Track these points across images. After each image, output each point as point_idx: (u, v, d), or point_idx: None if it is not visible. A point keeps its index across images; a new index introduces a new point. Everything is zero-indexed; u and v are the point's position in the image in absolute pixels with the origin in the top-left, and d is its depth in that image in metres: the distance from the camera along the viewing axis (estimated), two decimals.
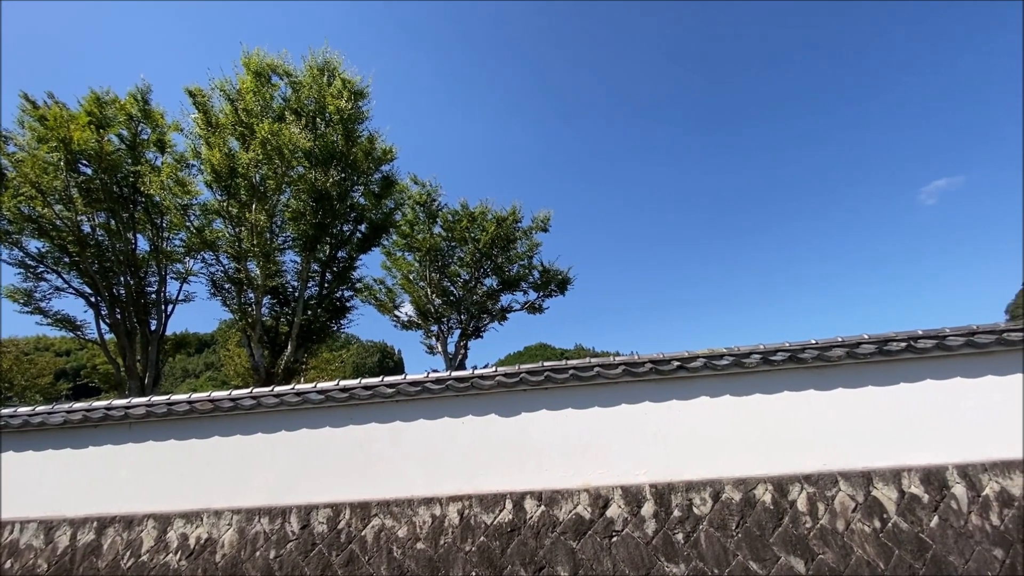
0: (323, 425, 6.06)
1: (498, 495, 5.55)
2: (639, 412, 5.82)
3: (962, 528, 4.88)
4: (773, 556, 4.93)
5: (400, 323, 22.29)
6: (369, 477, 5.82)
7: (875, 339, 5.50)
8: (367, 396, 5.96)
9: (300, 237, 15.60)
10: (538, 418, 5.90)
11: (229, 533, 5.70)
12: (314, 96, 15.60)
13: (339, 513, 5.68)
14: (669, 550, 5.06)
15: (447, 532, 5.40)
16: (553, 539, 5.25)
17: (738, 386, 5.73)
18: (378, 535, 5.48)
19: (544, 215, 21.67)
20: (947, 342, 5.37)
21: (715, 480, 5.40)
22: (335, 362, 25.54)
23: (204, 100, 14.82)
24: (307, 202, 15.15)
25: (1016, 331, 5.36)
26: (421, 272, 21.20)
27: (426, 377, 5.97)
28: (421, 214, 20.92)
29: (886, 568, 4.76)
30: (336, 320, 17.88)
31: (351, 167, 15.94)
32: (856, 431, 5.41)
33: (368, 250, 17.77)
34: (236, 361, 23.69)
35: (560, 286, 22.28)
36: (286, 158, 14.16)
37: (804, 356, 5.53)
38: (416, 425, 5.94)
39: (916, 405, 5.41)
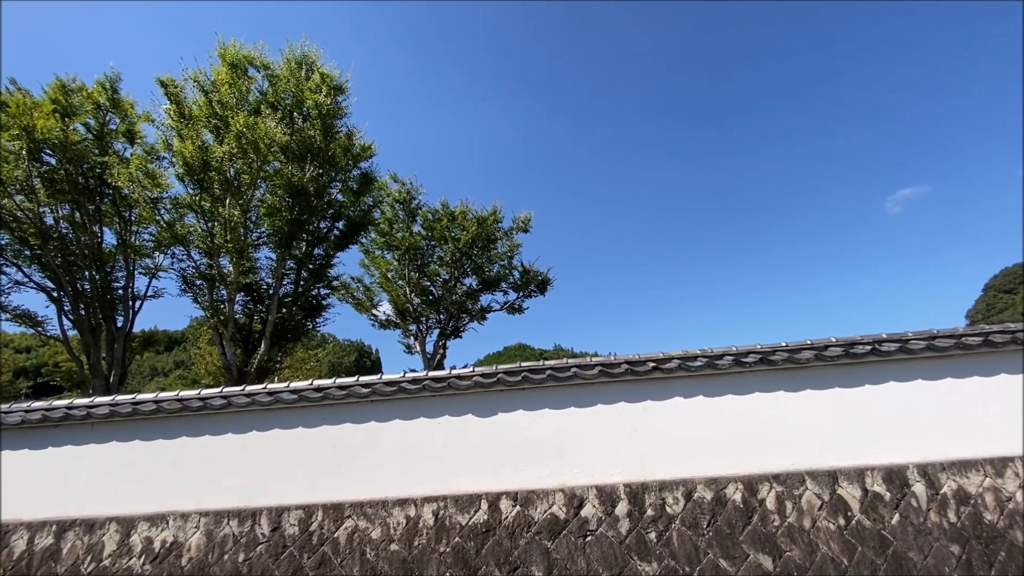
0: (296, 425, 5.96)
1: (473, 495, 5.54)
2: (615, 412, 5.87)
3: (921, 525, 5.07)
4: (742, 554, 5.03)
5: (378, 322, 22.07)
6: (342, 478, 5.75)
7: (842, 342, 5.67)
8: (341, 396, 5.88)
9: (275, 233, 15.30)
10: (515, 418, 5.91)
11: (196, 536, 5.56)
12: (291, 90, 15.33)
13: (311, 515, 5.59)
14: (642, 549, 5.13)
15: (422, 533, 5.36)
16: (528, 539, 5.26)
17: (711, 387, 5.83)
18: (351, 537, 5.41)
19: (525, 216, 21.75)
20: (909, 346, 5.57)
21: (688, 479, 5.48)
22: (310, 361, 25.11)
23: (176, 91, 14.40)
24: (283, 198, 14.86)
25: (974, 336, 5.59)
26: (400, 271, 21.01)
27: (402, 377, 5.92)
28: (400, 212, 20.73)
29: (849, 564, 4.90)
30: (312, 318, 17.58)
31: (329, 163, 15.70)
32: (823, 431, 5.56)
33: (346, 248, 17.53)
34: (207, 359, 23.09)
35: (540, 287, 22.36)
36: (262, 152, 13.86)
37: (775, 358, 5.67)
38: (391, 425, 5.89)
39: (879, 406, 5.60)
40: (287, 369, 22.18)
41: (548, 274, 22.34)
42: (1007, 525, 5.01)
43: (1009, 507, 5.09)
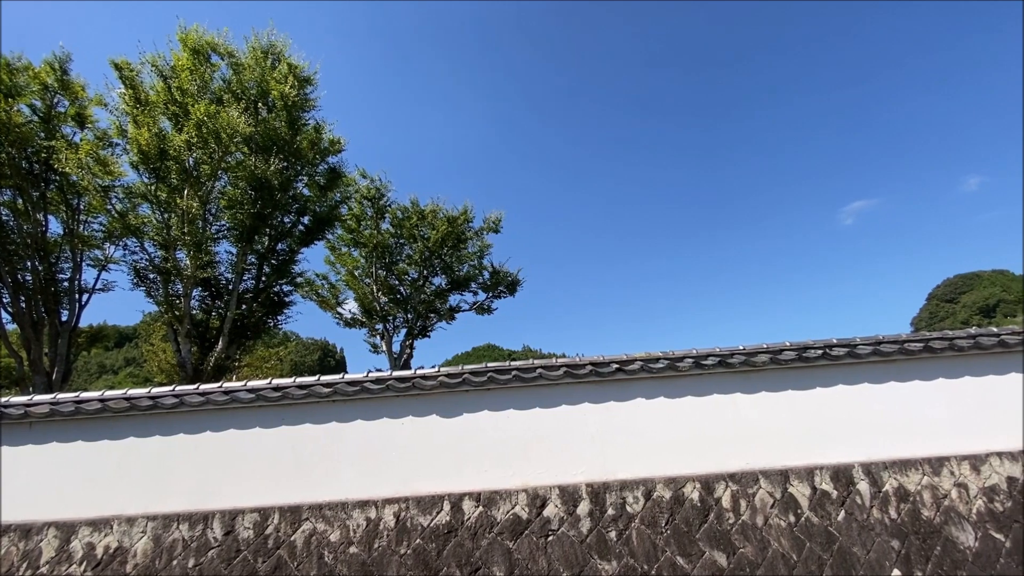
0: (253, 426, 5.78)
1: (436, 497, 5.50)
2: (578, 413, 5.94)
3: (865, 521, 5.32)
4: (699, 551, 5.17)
5: (343, 321, 21.63)
6: (301, 480, 5.60)
7: (795, 346, 5.91)
8: (301, 396, 5.73)
9: (236, 227, 14.77)
10: (480, 419, 5.90)
11: (143, 541, 5.31)
12: (256, 79, 14.86)
13: (267, 518, 5.43)
14: (602, 548, 5.20)
15: (382, 535, 5.29)
16: (490, 540, 5.26)
17: (672, 388, 5.97)
18: (308, 540, 5.28)
19: (496, 216, 21.73)
20: (857, 351, 5.85)
21: (648, 479, 5.60)
22: (271, 359, 24.31)
23: (132, 75, 13.76)
24: (245, 190, 14.36)
25: (915, 342, 5.92)
26: (367, 269, 20.66)
27: (365, 377, 5.82)
28: (369, 209, 20.39)
29: (798, 559, 5.10)
30: (273, 315, 17.05)
31: (295, 156, 15.29)
32: (776, 431, 5.78)
33: (311, 243, 17.10)
34: (160, 357, 22.06)
35: (510, 287, 22.39)
36: (224, 143, 13.38)
37: (732, 361, 5.85)
38: (353, 426, 5.78)
39: (829, 407, 5.86)
40: (246, 367, 21.43)
41: (518, 275, 22.42)
42: (943, 521, 5.31)
43: (945, 504, 5.40)
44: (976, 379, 5.96)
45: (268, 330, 18.00)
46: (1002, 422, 5.81)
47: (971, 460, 5.60)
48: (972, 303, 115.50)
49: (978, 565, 5.03)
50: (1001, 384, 5.95)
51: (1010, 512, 5.34)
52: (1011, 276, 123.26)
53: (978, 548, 5.13)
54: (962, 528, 5.25)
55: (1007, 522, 5.28)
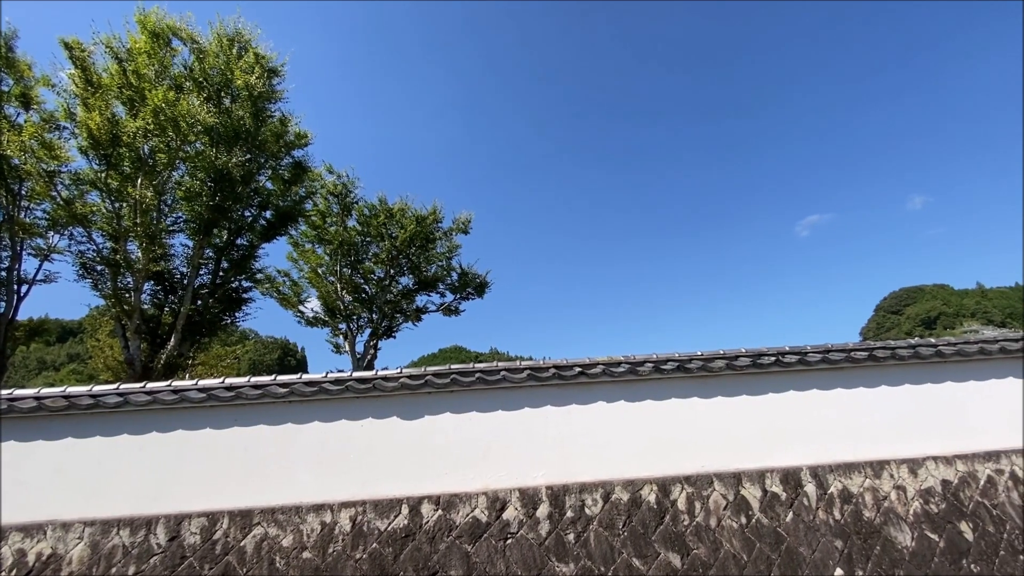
0: (203, 426, 5.54)
1: (394, 500, 5.41)
2: (541, 416, 5.96)
3: (811, 522, 5.54)
4: (654, 552, 5.26)
5: (305, 319, 21.07)
6: (254, 483, 5.41)
7: (750, 353, 6.11)
8: (256, 396, 5.54)
9: (194, 219, 14.20)
10: (441, 421, 5.84)
11: (79, 548, 5.01)
12: (220, 67, 14.36)
13: (216, 522, 5.21)
14: (560, 550, 5.22)
15: (337, 540, 5.16)
16: (448, 543, 5.21)
17: (632, 392, 6.07)
18: (259, 545, 5.10)
19: (465, 217, 21.63)
20: (807, 358, 6.10)
21: (607, 481, 5.66)
22: (228, 358, 23.43)
23: (84, 55, 13.04)
24: (204, 181, 13.83)
25: (861, 351, 6.21)
26: (331, 266, 20.20)
27: (324, 377, 5.67)
28: (335, 205, 19.95)
29: (748, 559, 5.26)
30: (231, 312, 16.45)
31: (259, 148, 14.83)
32: (731, 435, 5.95)
33: (273, 239, 16.61)
34: (107, 353, 20.92)
35: (478, 289, 22.29)
36: (182, 131, 12.85)
37: (691, 366, 6.00)
38: (310, 428, 5.62)
39: (780, 412, 6.08)
40: (200, 366, 20.58)
41: (487, 277, 22.35)
42: (882, 522, 5.58)
43: (884, 505, 5.68)
44: (914, 387, 6.30)
45: (225, 327, 17.35)
46: (937, 427, 6.16)
47: (909, 464, 5.90)
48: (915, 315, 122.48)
49: (914, 564, 5.30)
50: (937, 392, 6.31)
51: (944, 513, 5.66)
52: (951, 291, 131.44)
53: (914, 548, 5.41)
54: (900, 528, 5.53)
55: (941, 523, 5.59)
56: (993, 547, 5.43)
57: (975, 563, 5.31)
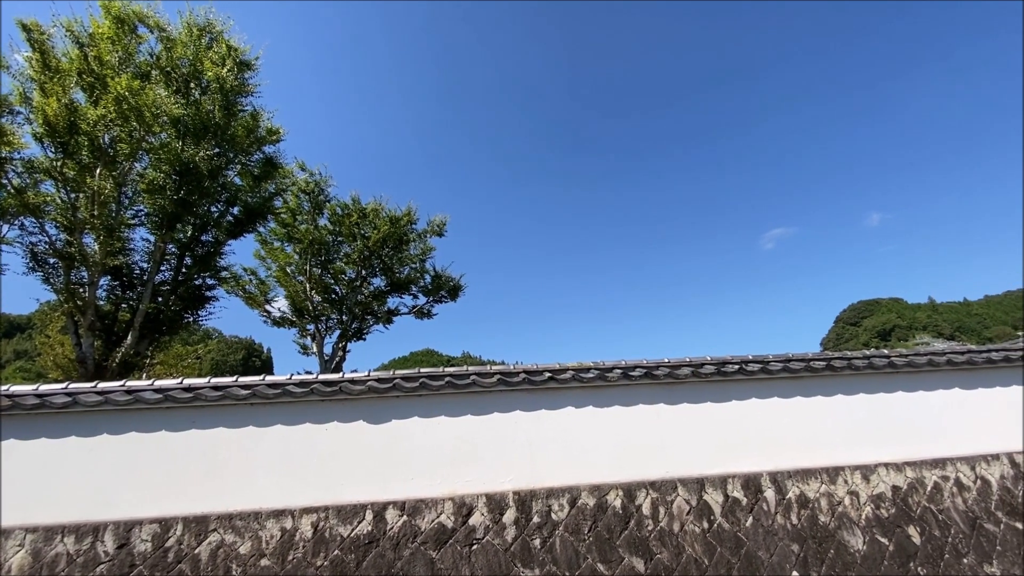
0: (158, 428, 5.33)
1: (358, 505, 5.30)
2: (510, 421, 5.95)
3: (770, 526, 5.69)
4: (618, 557, 5.31)
5: (271, 319, 20.52)
6: (211, 488, 5.22)
7: (715, 361, 6.25)
8: (216, 397, 5.36)
9: (156, 213, 13.66)
10: (409, 425, 5.77)
11: (19, 556, 4.74)
12: (190, 58, 13.91)
13: (169, 529, 5.01)
14: (526, 555, 5.22)
15: (297, 546, 5.02)
16: (413, 549, 5.13)
17: (601, 398, 6.13)
18: (215, 552, 4.92)
19: (440, 220, 21.46)
20: (769, 367, 6.28)
21: (574, 487, 5.69)
22: (189, 357, 22.60)
23: (43, 38, 12.45)
24: (169, 174, 13.31)
25: (819, 361, 6.44)
26: (300, 266, 19.74)
27: (288, 379, 5.53)
28: (306, 203, 19.53)
29: (709, 564, 5.36)
30: (193, 310, 15.84)
31: (228, 143, 14.39)
32: (695, 441, 6.07)
33: (240, 236, 16.09)
34: (57, 350, 19.88)
35: (451, 292, 22.13)
36: (146, 121, 12.38)
37: (658, 373, 6.10)
38: (272, 431, 5.47)
39: (743, 419, 6.24)
40: (159, 365, 19.78)
41: (460, 280, 22.23)
42: (836, 526, 5.78)
43: (839, 510, 5.88)
44: (868, 396, 6.56)
45: (187, 326, 16.69)
46: (889, 435, 6.43)
47: (862, 470, 6.14)
48: (872, 327, 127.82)
49: (865, 567, 5.51)
50: (889, 401, 6.59)
51: (894, 518, 5.90)
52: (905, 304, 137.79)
53: (866, 551, 5.61)
54: (853, 532, 5.73)
55: (891, 527, 5.83)
56: (939, 550, 5.69)
57: (922, 566, 5.55)
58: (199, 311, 15.96)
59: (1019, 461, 6.47)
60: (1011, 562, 5.68)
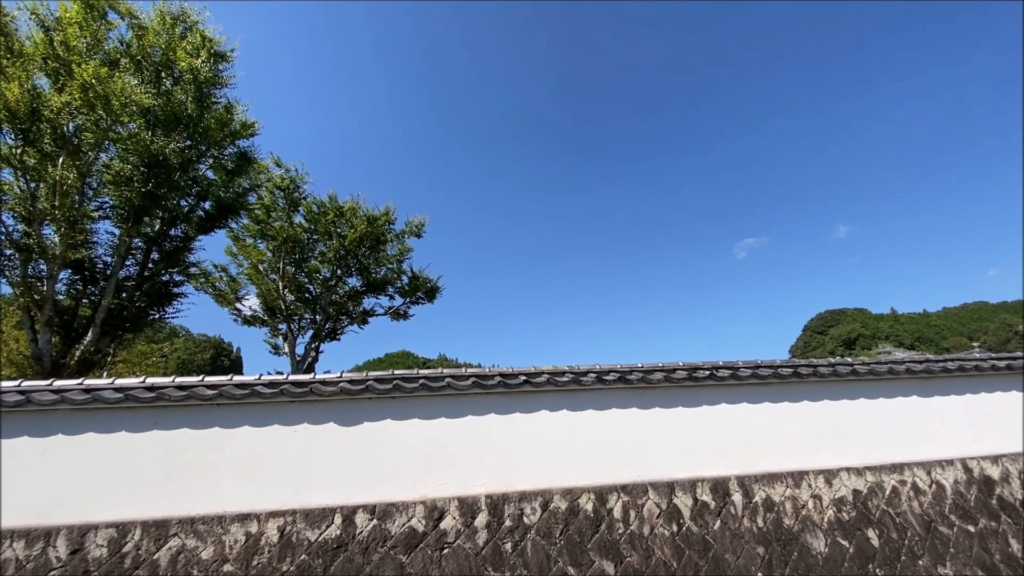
0: (118, 429, 5.13)
1: (327, 509, 5.20)
2: (484, 424, 5.93)
3: (737, 530, 5.80)
4: (589, 560, 5.33)
5: (242, 318, 19.99)
6: (173, 491, 5.05)
7: (687, 366, 6.36)
8: (180, 397, 5.19)
9: (122, 205, 13.18)
10: (382, 428, 5.69)
11: None
12: (162, 46, 13.51)
13: (126, 534, 4.82)
14: (497, 559, 5.20)
15: (263, 551, 4.89)
16: (382, 554, 5.06)
17: (575, 402, 6.17)
18: (175, 558, 4.76)
19: (419, 220, 21.29)
20: (739, 373, 6.42)
21: (546, 490, 5.70)
22: (153, 356, 21.84)
23: (5, 20, 11.93)
24: (137, 166, 12.88)
25: (787, 367, 6.61)
26: (274, 263, 19.31)
27: (257, 379, 5.40)
28: (281, 200, 19.12)
29: (678, 566, 5.44)
30: (159, 307, 15.32)
31: (201, 135, 14.00)
32: (666, 445, 6.16)
33: (211, 231, 15.65)
34: (12, 346, 18.98)
35: (428, 294, 21.96)
36: (114, 110, 11.95)
37: (631, 377, 6.17)
38: (239, 432, 5.33)
39: (713, 424, 6.35)
40: (121, 364, 19.07)
41: (438, 282, 22.09)
42: (800, 529, 5.93)
43: (803, 513, 6.04)
44: (832, 402, 6.77)
45: (152, 323, 16.14)
46: (851, 440, 6.64)
47: (825, 474, 6.32)
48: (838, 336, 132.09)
49: (827, 568, 5.66)
50: (852, 407, 6.81)
51: (854, 521, 6.08)
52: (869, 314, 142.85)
53: (827, 553, 5.77)
54: (815, 535, 5.89)
55: (852, 530, 6.01)
56: (896, 553, 5.89)
57: (880, 567, 5.73)
58: (166, 308, 15.47)
59: (972, 466, 6.75)
60: (963, 564, 5.92)
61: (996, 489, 6.64)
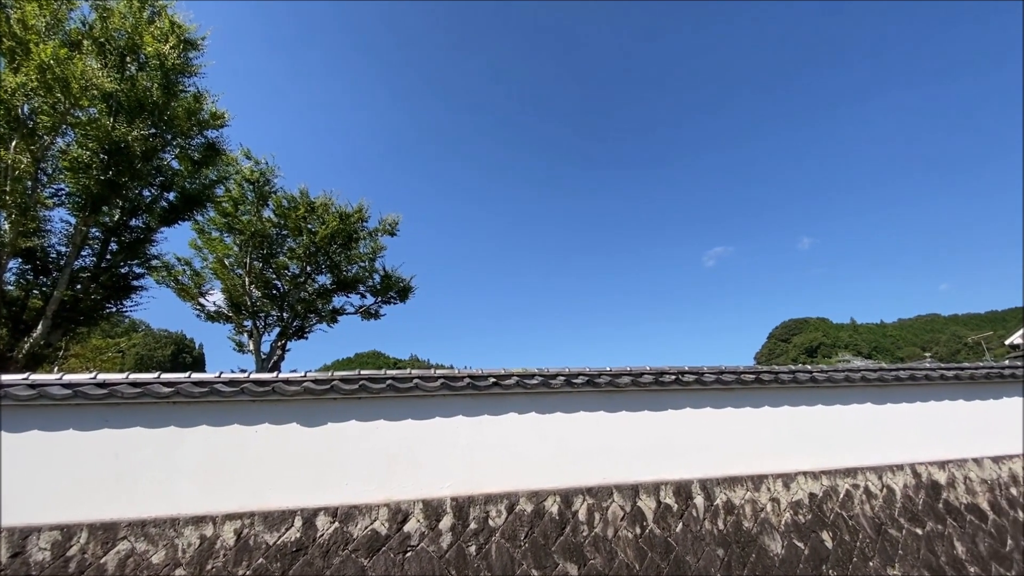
0: (65, 427, 4.89)
1: (287, 512, 5.07)
2: (451, 426, 5.89)
3: (698, 532, 5.91)
4: (553, 563, 5.35)
5: (205, 313, 19.37)
6: (123, 492, 4.84)
7: (654, 371, 6.47)
8: (134, 395, 4.99)
9: (79, 193, 12.61)
10: (346, 429, 5.59)
11: None
12: (127, 30, 13.00)
13: (71, 536, 4.59)
14: (461, 562, 5.16)
15: (218, 555, 4.73)
16: (343, 557, 4.96)
17: (543, 404, 6.18)
18: (124, 562, 4.56)
19: (393, 218, 21.04)
20: (704, 378, 6.56)
21: (512, 492, 5.69)
22: (109, 351, 20.91)
23: None
24: (96, 152, 12.35)
25: (749, 373, 6.79)
26: (240, 258, 18.78)
27: (217, 377, 5.23)
28: (250, 193, 18.62)
29: (640, 568, 5.50)
30: (116, 300, 14.70)
31: (167, 124, 13.52)
32: (632, 448, 6.23)
33: (174, 223, 15.11)
34: None
35: (401, 294, 21.70)
36: (73, 94, 11.42)
37: (599, 381, 6.23)
38: (197, 432, 5.15)
39: (677, 428, 6.47)
40: (74, 358, 18.23)
41: (411, 282, 21.86)
42: (759, 531, 6.08)
43: (761, 516, 6.20)
44: (792, 408, 6.98)
45: (108, 317, 15.49)
46: (808, 445, 6.85)
47: (783, 478, 6.51)
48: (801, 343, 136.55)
49: (783, 570, 5.82)
50: (810, 413, 7.04)
51: (810, 523, 6.28)
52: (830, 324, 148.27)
53: (784, 555, 5.94)
54: (773, 537, 6.06)
55: (807, 532, 6.20)
56: (848, 554, 6.10)
57: (833, 568, 5.93)
58: (124, 301, 14.86)
59: (921, 471, 7.06)
60: (911, 565, 6.18)
61: (943, 494, 6.96)
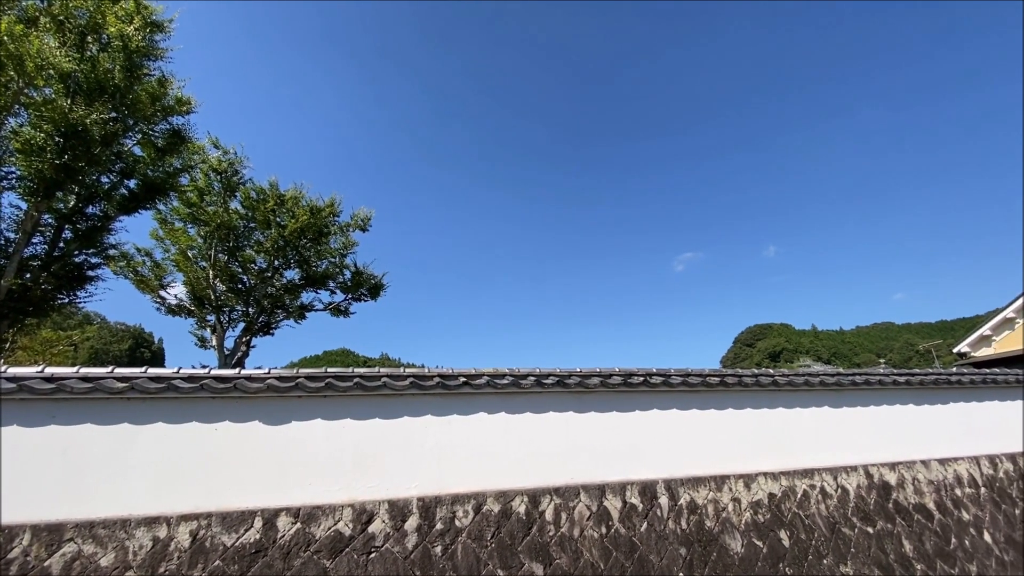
0: (8, 423, 4.63)
1: (247, 512, 4.92)
2: (420, 425, 5.83)
3: (662, 531, 6.01)
4: (519, 563, 5.35)
5: (166, 307, 18.68)
6: (70, 492, 4.61)
7: (622, 372, 6.55)
8: (85, 390, 4.75)
9: (31, 177, 11.98)
10: (311, 427, 5.46)
11: None
12: (89, 9, 12.43)
13: (13, 538, 4.35)
14: (426, 563, 5.11)
15: (171, 557, 4.56)
16: (305, 559, 4.85)
17: (513, 404, 6.18)
18: (69, 565, 4.34)
19: (365, 214, 20.76)
20: (671, 380, 6.68)
21: (480, 493, 5.67)
22: (60, 344, 19.92)
23: None
24: (51, 135, 11.76)
25: (714, 377, 6.95)
26: (204, 250, 18.18)
27: (175, 373, 5.04)
28: (216, 184, 18.06)
29: (605, 567, 5.56)
30: (69, 290, 14.03)
31: (129, 108, 12.97)
32: (600, 449, 6.30)
33: (135, 212, 14.48)
34: None
35: (372, 291, 21.41)
36: (28, 72, 10.87)
37: (569, 382, 6.27)
38: (152, 429, 4.94)
39: (644, 429, 6.57)
40: (21, 351, 17.28)
41: (383, 279, 21.59)
42: (720, 531, 6.23)
43: (723, 516, 6.35)
44: (754, 411, 7.18)
45: (60, 308, 14.75)
46: (769, 447, 7.07)
47: (744, 479, 6.68)
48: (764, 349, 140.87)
49: (742, 568, 5.98)
50: (771, 416, 7.26)
51: (768, 523, 6.46)
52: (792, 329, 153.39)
53: (743, 554, 6.10)
54: (733, 536, 6.21)
55: (766, 531, 6.38)
56: (804, 552, 6.31)
57: (789, 567, 6.12)
58: (77, 292, 14.17)
59: (873, 472, 7.36)
60: (862, 563, 6.43)
61: (893, 494, 7.27)
